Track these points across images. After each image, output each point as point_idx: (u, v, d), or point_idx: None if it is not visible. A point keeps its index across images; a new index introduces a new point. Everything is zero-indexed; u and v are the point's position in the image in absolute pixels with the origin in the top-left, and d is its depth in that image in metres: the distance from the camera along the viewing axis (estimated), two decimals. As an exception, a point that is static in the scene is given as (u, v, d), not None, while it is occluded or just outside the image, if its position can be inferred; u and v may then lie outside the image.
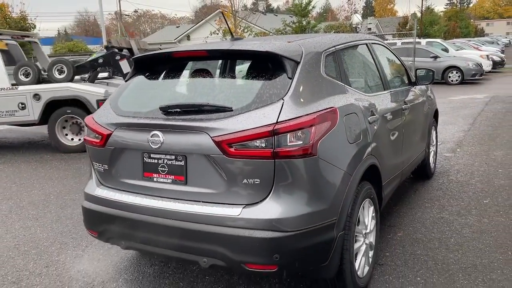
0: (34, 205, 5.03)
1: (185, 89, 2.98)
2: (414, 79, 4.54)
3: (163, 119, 2.54)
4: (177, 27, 50.19)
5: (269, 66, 2.62)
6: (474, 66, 16.86)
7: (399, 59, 4.46)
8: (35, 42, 9.65)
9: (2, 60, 7.83)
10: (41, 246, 3.90)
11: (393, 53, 4.37)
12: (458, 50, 20.28)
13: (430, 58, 17.04)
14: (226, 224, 2.36)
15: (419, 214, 4.23)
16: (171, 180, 2.55)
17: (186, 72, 3.00)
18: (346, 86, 2.92)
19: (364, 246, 2.90)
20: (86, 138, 2.91)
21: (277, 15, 44.09)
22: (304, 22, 23.17)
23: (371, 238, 3.03)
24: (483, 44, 29.28)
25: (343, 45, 3.22)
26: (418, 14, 36.69)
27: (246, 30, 23.38)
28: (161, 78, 2.99)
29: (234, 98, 2.55)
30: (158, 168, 2.58)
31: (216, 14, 34.03)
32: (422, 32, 33.40)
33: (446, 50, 19.20)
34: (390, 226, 3.96)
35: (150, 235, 2.60)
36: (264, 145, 2.29)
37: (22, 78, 7.78)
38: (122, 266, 3.44)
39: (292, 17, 24.93)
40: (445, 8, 70.73)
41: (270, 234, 2.29)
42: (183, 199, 2.51)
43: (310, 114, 2.38)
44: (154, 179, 2.61)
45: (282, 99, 2.39)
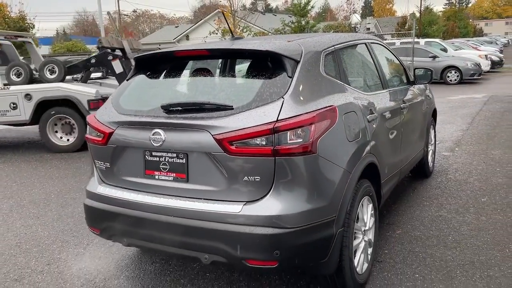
0: (35, 203, 5.05)
1: (186, 88, 3.01)
2: (412, 79, 4.58)
3: (165, 118, 2.56)
4: (176, 27, 50.15)
5: (269, 65, 2.65)
6: (472, 66, 16.91)
7: (398, 59, 4.49)
8: (29, 42, 9.67)
9: None
10: (42, 244, 3.92)
11: (392, 52, 4.40)
12: (456, 50, 20.34)
13: (429, 58, 17.08)
14: (227, 221, 2.39)
15: (418, 212, 4.26)
16: (173, 177, 2.58)
17: (187, 71, 3.03)
18: (345, 85, 2.95)
19: (363, 243, 2.93)
20: (88, 136, 2.94)
21: (276, 15, 44.10)
22: (303, 22, 23.19)
23: (370, 235, 3.06)
24: (482, 44, 29.33)
25: (342, 44, 3.25)
26: (417, 14, 36.76)
27: (245, 30, 23.39)
28: (162, 77, 3.01)
29: (234, 97, 2.58)
30: (160, 166, 2.61)
31: (215, 14, 34.01)
32: (421, 32, 33.47)
33: (445, 50, 19.26)
34: (389, 224, 3.99)
35: (152, 232, 2.63)
36: (264, 143, 2.32)
37: (13, 78, 7.81)
38: (123, 263, 3.46)
39: (291, 17, 24.95)
40: (444, 8, 70.89)
41: (270, 231, 2.32)
42: (185, 197, 2.54)
43: (310, 112, 2.41)
44: (156, 177, 2.64)
45: (282, 98, 2.42)
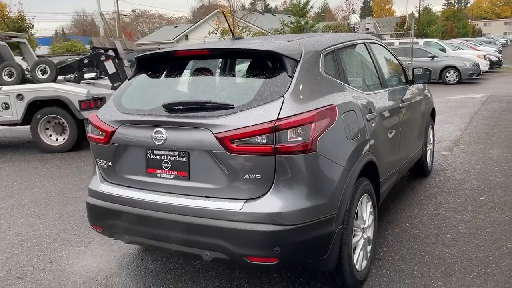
0: (36, 202, 5.08)
1: (187, 87, 3.05)
2: (411, 78, 4.61)
3: (166, 116, 2.60)
4: (175, 27, 50.18)
5: (269, 64, 2.69)
6: (471, 66, 16.95)
7: (397, 59, 4.53)
8: (23, 42, 9.69)
9: None
10: (44, 242, 3.95)
11: (390, 52, 4.44)
12: (455, 50, 20.39)
13: (428, 58, 17.13)
14: (228, 218, 2.42)
15: (416, 210, 4.30)
16: (174, 175, 2.61)
17: (188, 70, 3.06)
18: (344, 84, 2.99)
19: (362, 241, 2.97)
20: (90, 135, 2.96)
21: (275, 15, 44.13)
22: (302, 22, 23.24)
23: (369, 233, 3.10)
24: (481, 44, 29.39)
25: (342, 44, 3.28)
26: (416, 14, 36.83)
27: (244, 30, 23.42)
28: (163, 77, 3.04)
29: (235, 96, 2.62)
30: (162, 164, 2.64)
31: (214, 14, 34.04)
32: (420, 32, 33.52)
33: (444, 50, 19.31)
34: (388, 222, 4.03)
35: (153, 230, 2.66)
36: (265, 141, 2.35)
37: (5, 78, 7.83)
38: (124, 261, 3.49)
39: (290, 17, 25.00)
40: (442, 8, 71.09)
41: (271, 228, 2.35)
42: (186, 194, 2.57)
43: (309, 111, 2.45)
44: (158, 175, 2.67)
45: (283, 97, 2.45)
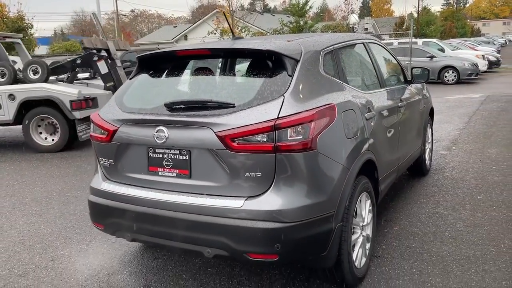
0: (37, 201, 5.11)
1: (188, 86, 3.08)
2: (410, 78, 4.65)
3: (168, 115, 2.63)
4: (174, 27, 50.21)
5: (270, 64, 2.72)
6: (470, 66, 17.00)
7: (395, 58, 4.57)
8: (18, 43, 9.71)
9: None
10: (45, 240, 3.98)
11: (389, 52, 4.48)
12: (454, 50, 20.44)
13: (427, 58, 17.17)
14: (229, 215, 2.45)
15: (415, 209, 4.34)
16: (176, 174, 2.64)
17: (189, 70, 3.10)
18: (343, 83, 3.02)
19: (361, 238, 3.00)
20: (92, 134, 2.99)
21: (274, 15, 44.16)
22: (301, 22, 23.26)
23: (368, 231, 3.13)
24: (479, 44, 29.45)
25: (341, 44, 3.32)
26: (415, 14, 36.89)
27: (243, 30, 23.45)
28: (165, 76, 3.08)
29: (236, 95, 2.65)
30: (163, 162, 2.67)
31: (213, 14, 34.07)
32: (419, 32, 33.59)
33: (442, 50, 19.36)
34: (386, 220, 4.07)
35: (155, 227, 2.69)
36: (265, 139, 2.38)
37: None
38: (126, 259, 3.53)
39: (289, 17, 25.03)
40: (441, 8, 71.15)
41: (271, 225, 2.38)
42: (188, 192, 2.60)
43: (309, 110, 2.48)
44: (159, 173, 2.70)
45: (283, 96, 2.49)
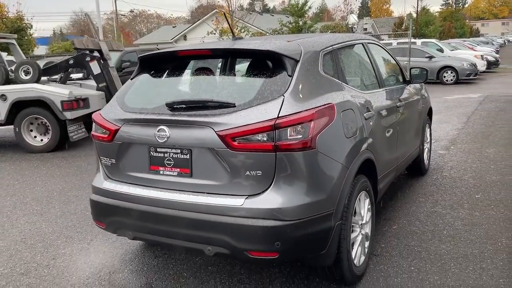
0: (37, 201, 5.14)
1: (189, 86, 3.11)
2: (408, 78, 4.68)
3: (169, 115, 2.66)
4: (173, 27, 50.20)
5: (270, 64, 2.75)
6: (468, 66, 17.05)
7: (394, 59, 4.60)
8: (12, 43, 9.73)
9: None
10: (47, 239, 4.01)
11: (388, 52, 4.51)
12: (453, 50, 20.48)
13: (425, 58, 17.22)
14: (229, 214, 2.48)
15: (414, 208, 4.37)
16: (177, 172, 2.68)
17: (190, 70, 3.13)
18: (343, 83, 3.05)
19: (360, 236, 3.03)
20: (93, 133, 3.03)
21: (273, 15, 44.18)
22: (300, 23, 23.28)
23: (367, 229, 3.16)
24: (478, 44, 29.52)
25: (340, 44, 3.35)
26: (414, 15, 36.95)
27: (243, 30, 23.48)
28: (165, 76, 3.11)
29: (236, 95, 2.68)
30: (164, 161, 2.70)
31: (213, 14, 34.10)
32: (418, 32, 33.62)
33: (441, 50, 19.39)
34: (385, 219, 4.10)
35: (156, 226, 2.72)
36: (265, 138, 2.42)
37: None
38: (127, 258, 3.56)
39: (288, 17, 25.05)
40: (440, 8, 71.24)
41: (271, 223, 2.42)
42: (189, 191, 2.63)
43: (309, 109, 2.51)
44: (161, 172, 2.73)
45: (283, 96, 2.52)
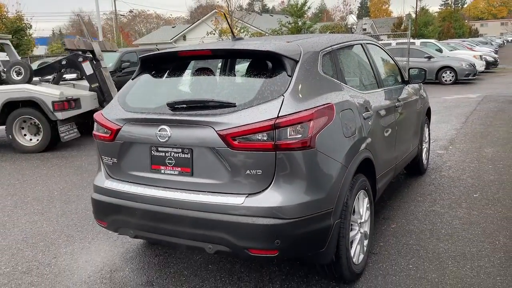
0: (38, 200, 5.16)
1: (190, 86, 3.14)
2: (407, 78, 4.72)
3: (170, 114, 2.69)
4: (173, 27, 50.21)
5: (269, 64, 2.78)
6: (467, 66, 17.09)
7: (393, 59, 4.64)
8: (7, 44, 9.75)
9: None
10: (48, 238, 4.04)
11: (387, 53, 4.54)
12: (452, 51, 20.53)
13: (424, 58, 17.26)
14: (230, 212, 2.51)
15: (412, 207, 4.41)
16: (178, 171, 2.71)
17: (190, 70, 3.16)
18: (342, 83, 3.09)
19: (359, 235, 3.07)
20: (95, 133, 3.05)
21: (272, 16, 44.24)
22: (299, 23, 23.35)
23: (366, 228, 3.20)
24: (477, 44, 29.58)
25: (339, 45, 3.38)
26: (413, 15, 37.00)
27: (242, 31, 23.50)
28: (166, 76, 3.14)
29: (237, 95, 2.72)
30: (166, 160, 2.73)
31: (212, 15, 34.12)
32: (417, 32, 33.68)
33: (440, 51, 19.45)
34: (384, 218, 4.13)
35: (157, 224, 2.75)
36: (265, 138, 2.45)
37: None
38: (128, 256, 3.59)
39: (287, 17, 25.10)
40: (439, 8, 71.26)
41: (271, 221, 2.45)
42: (190, 190, 2.66)
43: (308, 109, 2.55)
44: (162, 171, 2.76)
45: (282, 96, 2.55)
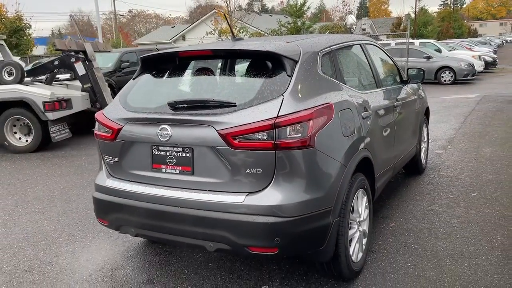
0: (39, 200, 5.19)
1: (190, 86, 3.17)
2: (406, 78, 4.75)
3: (171, 114, 2.72)
4: (172, 27, 50.20)
5: (269, 64, 2.81)
6: (466, 66, 17.13)
7: (392, 59, 4.67)
8: (1, 44, 9.75)
9: None
10: (49, 237, 4.06)
11: (385, 53, 4.58)
12: (451, 51, 20.57)
13: (423, 58, 17.31)
14: (230, 210, 2.54)
15: (411, 206, 4.44)
16: (179, 170, 2.73)
17: (191, 70, 3.19)
18: (341, 83, 3.12)
19: (358, 233, 3.10)
20: (96, 132, 3.08)
21: (272, 16, 44.27)
22: (299, 23, 23.40)
23: (365, 226, 3.23)
24: (476, 44, 29.63)
25: (338, 45, 3.41)
26: (412, 15, 37.05)
27: (241, 31, 23.52)
28: (167, 76, 3.17)
29: (237, 94, 2.75)
30: (166, 159, 2.76)
31: (211, 15, 34.14)
32: (416, 32, 33.72)
33: (439, 51, 19.49)
34: (383, 217, 4.17)
35: (158, 222, 2.78)
36: (265, 137, 2.48)
37: None
38: (129, 255, 3.61)
39: (287, 17, 25.13)
40: (438, 8, 71.28)
41: (271, 220, 2.48)
42: (190, 188, 2.69)
43: (308, 109, 2.58)
44: (163, 170, 2.79)
45: (282, 95, 2.58)
